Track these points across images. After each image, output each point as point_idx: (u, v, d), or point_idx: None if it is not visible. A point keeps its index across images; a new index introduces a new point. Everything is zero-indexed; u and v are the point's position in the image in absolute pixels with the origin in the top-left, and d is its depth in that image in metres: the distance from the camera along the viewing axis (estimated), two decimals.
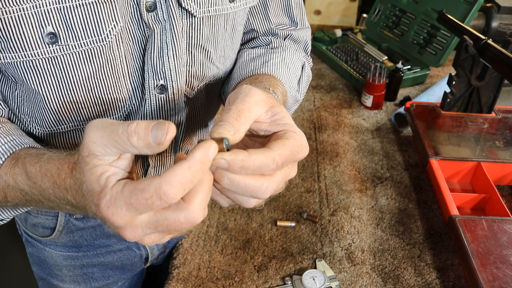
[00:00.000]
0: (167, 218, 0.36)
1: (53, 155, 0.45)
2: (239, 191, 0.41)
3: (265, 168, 0.40)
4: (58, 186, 0.43)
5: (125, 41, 0.52)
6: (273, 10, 0.70)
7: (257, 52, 0.67)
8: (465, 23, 1.24)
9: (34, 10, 0.45)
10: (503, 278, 0.65)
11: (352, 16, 1.88)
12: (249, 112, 0.42)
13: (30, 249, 0.82)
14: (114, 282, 0.85)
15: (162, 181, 0.34)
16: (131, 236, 0.37)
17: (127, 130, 0.36)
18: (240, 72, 0.64)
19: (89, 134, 0.37)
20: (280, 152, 0.40)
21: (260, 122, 0.45)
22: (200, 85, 0.64)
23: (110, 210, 0.36)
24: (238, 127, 0.41)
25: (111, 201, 0.36)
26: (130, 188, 0.35)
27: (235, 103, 0.43)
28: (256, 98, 0.44)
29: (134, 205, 0.35)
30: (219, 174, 0.39)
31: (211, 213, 0.88)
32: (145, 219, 0.37)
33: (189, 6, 0.54)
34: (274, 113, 0.45)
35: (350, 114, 1.21)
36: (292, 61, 0.67)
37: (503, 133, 1.00)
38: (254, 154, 0.39)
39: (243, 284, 0.73)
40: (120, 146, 0.36)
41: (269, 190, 0.41)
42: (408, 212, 0.88)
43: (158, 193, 0.34)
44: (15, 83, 0.54)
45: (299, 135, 0.43)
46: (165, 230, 0.37)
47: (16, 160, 0.47)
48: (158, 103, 0.59)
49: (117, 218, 0.36)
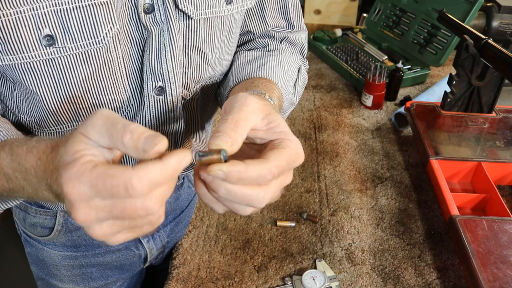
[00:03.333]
0: (124, 201, 0.35)
1: (44, 138, 0.45)
2: (235, 201, 0.41)
3: (262, 179, 0.40)
4: (41, 162, 0.42)
5: (123, 43, 0.52)
6: (270, 12, 0.69)
7: (253, 54, 0.67)
8: (466, 22, 1.24)
9: (31, 13, 0.45)
10: (504, 278, 0.65)
11: (352, 15, 1.88)
12: (245, 121, 0.43)
13: (29, 249, 0.82)
14: (113, 282, 0.85)
15: (134, 174, 0.34)
16: (82, 217, 0.36)
17: (124, 127, 0.36)
18: (236, 75, 0.64)
19: (93, 118, 0.38)
20: (277, 163, 0.41)
21: (256, 130, 0.45)
22: (196, 87, 0.64)
23: (71, 183, 0.35)
24: (235, 137, 0.41)
25: (76, 174, 0.35)
26: (100, 170, 0.35)
27: (231, 112, 0.43)
28: (252, 106, 0.44)
29: (97, 187, 0.34)
30: (216, 184, 0.40)
31: (211, 213, 0.87)
32: (100, 202, 0.36)
33: (186, 8, 0.54)
34: (270, 120, 0.45)
35: (350, 114, 1.21)
36: (289, 64, 0.67)
37: (503, 133, 1.00)
38: (251, 166, 0.39)
39: (243, 284, 0.73)
40: (112, 139, 0.36)
41: (265, 200, 0.42)
42: (408, 212, 0.88)
43: (126, 184, 0.34)
44: (14, 84, 0.54)
45: (294, 143, 0.44)
46: (119, 215, 0.36)
47: (3, 147, 0.46)
48: (156, 105, 0.59)
49: (75, 193, 0.35)
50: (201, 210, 0.88)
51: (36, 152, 0.43)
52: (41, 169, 0.42)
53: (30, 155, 0.43)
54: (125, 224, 0.38)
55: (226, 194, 0.40)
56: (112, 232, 0.38)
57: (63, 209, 0.70)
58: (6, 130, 0.50)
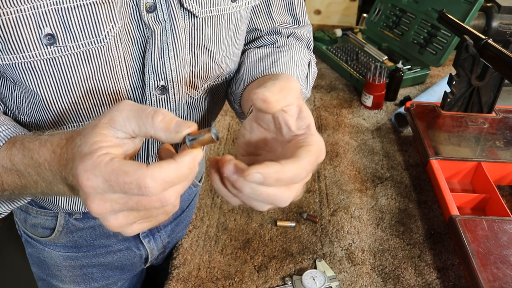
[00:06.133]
0: (138, 196, 0.35)
1: (57, 131, 0.45)
2: (259, 199, 0.40)
3: (297, 178, 0.39)
4: (55, 155, 0.42)
5: (124, 41, 0.52)
6: (276, 9, 0.69)
7: (263, 51, 0.67)
8: (466, 23, 1.24)
9: (32, 11, 0.45)
10: (504, 278, 0.65)
11: (352, 15, 1.88)
12: (289, 91, 0.43)
13: (29, 249, 0.82)
14: (113, 282, 0.85)
15: (148, 174, 0.34)
16: (97, 209, 0.36)
17: (155, 110, 0.37)
18: (249, 73, 0.64)
19: (119, 105, 0.38)
20: (309, 159, 0.40)
21: (290, 115, 0.44)
22: (204, 86, 0.64)
23: (86, 175, 0.35)
24: (278, 98, 0.41)
25: (91, 166, 0.35)
26: (115, 165, 0.35)
27: (278, 79, 0.43)
28: (295, 84, 0.44)
29: (111, 183, 0.35)
30: (241, 183, 0.39)
31: (211, 213, 0.88)
32: (114, 195, 0.36)
33: (191, 6, 0.53)
34: (301, 109, 0.44)
35: (350, 114, 1.21)
36: (300, 58, 0.67)
37: (503, 133, 1.00)
38: (287, 166, 0.38)
39: (243, 284, 0.73)
40: (141, 122, 0.37)
41: (290, 199, 0.41)
42: (408, 212, 0.88)
43: (139, 183, 0.34)
44: (14, 84, 0.54)
45: (318, 139, 0.43)
46: (135, 207, 0.36)
47: (13, 143, 0.46)
48: (159, 104, 0.58)
49: (90, 185, 0.35)
50: (201, 210, 0.89)
51: (50, 146, 0.43)
52: (55, 162, 0.42)
53: (44, 149, 0.43)
54: (140, 214, 0.38)
55: (251, 193, 0.39)
56: (128, 223, 0.38)
57: (64, 210, 0.70)
58: (13, 127, 0.50)
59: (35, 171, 0.44)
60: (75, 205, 0.68)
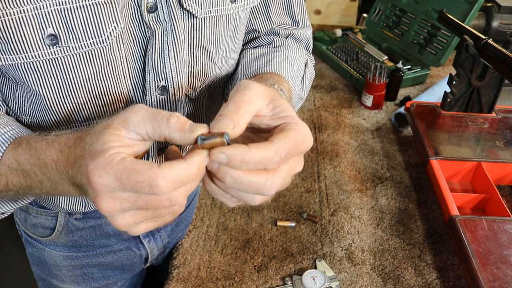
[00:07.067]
0: (148, 195, 0.36)
1: (63, 131, 0.46)
2: (243, 189, 0.40)
3: (268, 161, 0.39)
4: (62, 155, 0.42)
5: (126, 42, 0.52)
6: (275, 10, 0.70)
7: (259, 51, 0.67)
8: (466, 23, 1.24)
9: (34, 12, 0.45)
10: (504, 278, 0.65)
11: (352, 16, 1.88)
12: (248, 104, 0.41)
13: (29, 249, 0.82)
14: (114, 282, 0.85)
15: (159, 173, 0.35)
16: (107, 207, 0.36)
17: (170, 113, 0.38)
18: (243, 72, 0.64)
19: (134, 108, 0.39)
20: (282, 144, 0.39)
21: (262, 116, 0.44)
22: (202, 86, 0.64)
23: (98, 172, 0.36)
24: (237, 120, 0.40)
25: (103, 164, 0.36)
26: (127, 164, 0.35)
27: (234, 96, 0.42)
28: (255, 90, 0.43)
29: (122, 181, 0.35)
30: (222, 172, 0.39)
31: (211, 213, 0.88)
32: (125, 193, 0.36)
33: (190, 7, 0.54)
34: (275, 106, 0.44)
35: (350, 114, 1.21)
36: (295, 59, 0.67)
37: (503, 133, 1.00)
38: (255, 148, 0.38)
39: (243, 284, 0.73)
40: (156, 124, 0.38)
41: (275, 186, 0.40)
42: (408, 212, 0.88)
43: (150, 182, 0.34)
44: (16, 84, 0.54)
45: (301, 126, 0.42)
46: (144, 206, 0.36)
47: (19, 144, 0.47)
48: (159, 104, 0.59)
49: (101, 183, 0.35)
50: (201, 210, 0.89)
51: (57, 145, 0.43)
52: (62, 161, 0.42)
53: (51, 148, 0.43)
54: (148, 214, 0.38)
55: (233, 182, 0.39)
56: (135, 222, 0.39)
57: (64, 210, 0.70)
58: (18, 128, 0.50)
59: (41, 171, 0.45)
60: (75, 206, 0.68)
